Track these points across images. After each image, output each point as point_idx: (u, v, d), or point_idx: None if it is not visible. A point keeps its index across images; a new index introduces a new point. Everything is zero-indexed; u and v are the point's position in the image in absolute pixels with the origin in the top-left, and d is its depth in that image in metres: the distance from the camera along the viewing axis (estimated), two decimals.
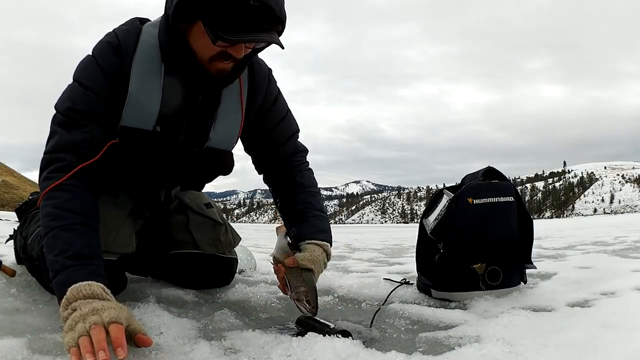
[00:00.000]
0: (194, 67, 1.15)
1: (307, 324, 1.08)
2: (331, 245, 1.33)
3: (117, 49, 1.14)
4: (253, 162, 1.52)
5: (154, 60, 1.16)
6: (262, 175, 1.52)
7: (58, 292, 0.95)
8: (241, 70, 1.21)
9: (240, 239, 1.67)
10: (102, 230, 1.19)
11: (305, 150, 1.51)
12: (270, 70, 1.37)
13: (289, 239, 1.32)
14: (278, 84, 1.42)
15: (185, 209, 1.54)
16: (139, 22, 1.22)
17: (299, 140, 1.49)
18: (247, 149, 1.47)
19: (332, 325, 1.02)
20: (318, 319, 1.10)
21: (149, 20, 1.23)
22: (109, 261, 1.26)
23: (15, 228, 1.54)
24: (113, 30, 1.19)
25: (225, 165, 1.36)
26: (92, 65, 1.14)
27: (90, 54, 1.17)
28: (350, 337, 0.96)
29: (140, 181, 1.33)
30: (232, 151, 1.36)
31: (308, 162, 1.51)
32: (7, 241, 1.66)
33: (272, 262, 1.28)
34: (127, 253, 1.33)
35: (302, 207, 1.39)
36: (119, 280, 1.35)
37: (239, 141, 1.39)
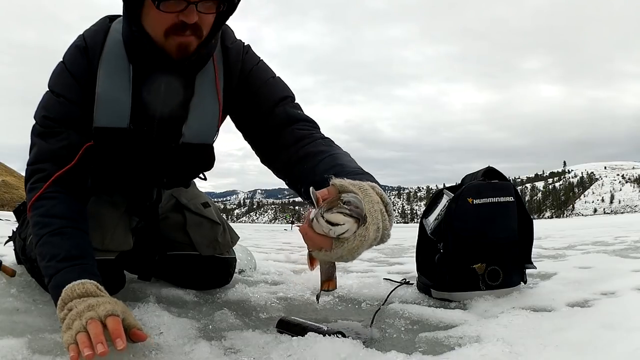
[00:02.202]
0: (153, 52, 1.10)
1: (295, 326, 1.04)
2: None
3: (84, 52, 1.15)
4: (255, 151, 1.28)
5: (121, 57, 1.14)
6: (271, 168, 1.23)
7: (54, 295, 0.96)
8: (208, 48, 1.12)
9: (239, 237, 1.66)
10: (99, 229, 1.23)
11: (311, 121, 1.21)
12: (246, 45, 1.27)
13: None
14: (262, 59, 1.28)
15: (182, 208, 1.52)
16: (109, 20, 1.21)
17: (300, 110, 1.23)
18: (243, 134, 1.29)
19: (325, 327, 1.01)
20: (303, 319, 1.07)
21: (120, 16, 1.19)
22: (107, 260, 1.26)
23: (14, 229, 1.54)
24: (82, 33, 1.19)
25: (205, 161, 1.30)
26: (63, 72, 1.16)
27: (62, 59, 1.18)
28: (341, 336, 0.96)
29: (126, 180, 1.31)
30: (214, 144, 1.27)
31: (321, 134, 1.19)
32: (6, 242, 1.67)
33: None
34: (125, 250, 1.33)
35: (328, 171, 0.94)
36: (117, 279, 1.35)
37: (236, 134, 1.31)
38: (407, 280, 1.70)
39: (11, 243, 1.61)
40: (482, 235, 1.42)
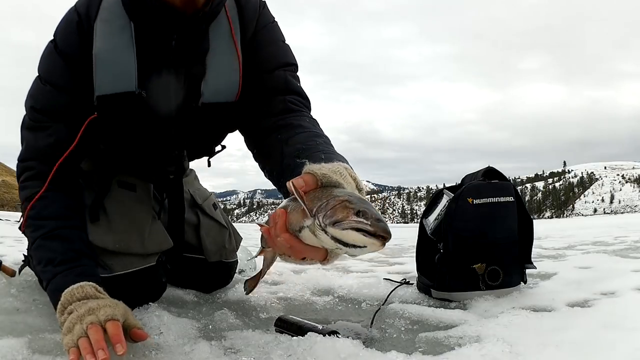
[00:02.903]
0: (157, 7, 0.99)
1: (292, 325, 1.05)
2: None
3: (77, 27, 1.04)
4: (239, 119, 1.18)
5: (119, 16, 1.04)
6: (244, 133, 1.18)
7: (53, 299, 0.96)
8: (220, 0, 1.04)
9: (242, 238, 1.65)
10: (135, 231, 1.19)
11: (305, 97, 1.16)
12: (263, 2, 1.19)
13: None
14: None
15: (196, 208, 1.47)
16: None
17: (299, 83, 1.17)
18: None
19: (320, 327, 1.01)
20: (300, 318, 1.07)
21: None
22: (149, 268, 1.21)
23: (25, 254, 1.36)
24: (75, 4, 1.08)
25: (229, 122, 1.19)
26: (51, 54, 1.07)
27: (52, 37, 1.08)
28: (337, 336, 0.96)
29: (141, 154, 1.22)
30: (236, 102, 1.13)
31: (309, 114, 1.14)
32: (20, 270, 1.43)
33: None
34: (165, 250, 1.27)
35: (302, 147, 0.95)
36: (158, 284, 1.29)
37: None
38: (407, 280, 1.70)
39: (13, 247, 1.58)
40: (482, 235, 1.42)
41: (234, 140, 1.33)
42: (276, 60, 1.15)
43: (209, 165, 1.41)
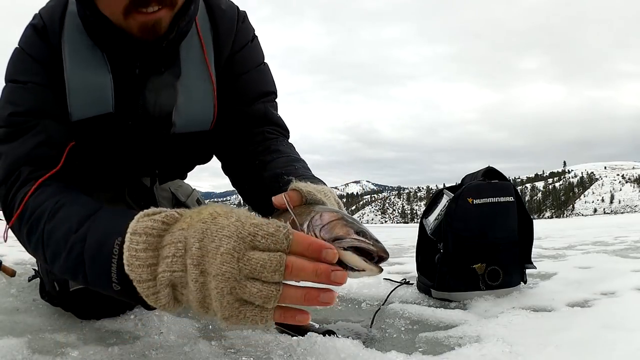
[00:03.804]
0: (115, 35, 0.88)
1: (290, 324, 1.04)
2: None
3: (42, 32, 0.94)
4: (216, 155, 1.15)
5: (84, 34, 0.94)
6: (221, 159, 1.14)
7: (102, 254, 0.62)
8: (190, 16, 0.91)
9: None
10: None
11: (285, 128, 1.12)
12: (242, 12, 1.08)
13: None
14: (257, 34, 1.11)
15: (180, 206, 1.39)
16: None
17: (277, 112, 1.12)
18: None
19: (316, 326, 1.01)
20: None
21: None
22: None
23: (35, 268, 1.32)
24: (38, 11, 0.99)
25: (203, 152, 1.13)
26: (22, 56, 0.95)
27: (17, 45, 0.98)
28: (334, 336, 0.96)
29: (114, 173, 1.14)
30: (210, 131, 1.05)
31: (288, 141, 1.10)
32: (30, 279, 1.39)
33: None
34: None
35: (281, 171, 0.92)
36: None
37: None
38: (407, 280, 1.70)
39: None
40: (482, 235, 1.42)
41: None
42: (255, 90, 1.08)
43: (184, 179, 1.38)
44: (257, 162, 1.00)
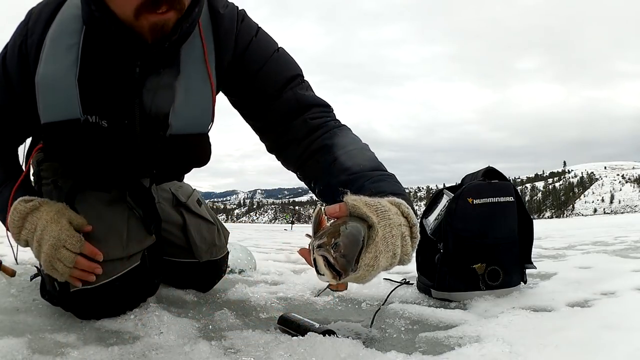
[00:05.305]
0: (121, 33, 0.89)
1: (291, 323, 1.05)
2: (414, 212, 0.82)
3: (20, 47, 0.97)
4: (259, 137, 1.13)
5: (70, 34, 0.94)
6: (279, 158, 1.11)
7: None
8: (192, 19, 0.93)
9: (229, 233, 1.57)
10: (111, 237, 1.10)
11: (324, 104, 1.07)
12: (241, 11, 1.08)
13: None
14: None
15: (180, 206, 1.41)
16: None
17: (311, 91, 1.07)
18: (243, 116, 1.12)
19: (316, 326, 1.01)
20: (301, 317, 1.07)
21: None
22: (134, 269, 1.12)
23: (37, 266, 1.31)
24: (30, 11, 1.00)
25: (199, 154, 1.09)
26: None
27: (5, 45, 1.02)
28: (334, 336, 0.96)
29: (106, 176, 1.14)
30: (209, 133, 1.06)
31: (335, 120, 1.06)
32: (32, 278, 1.41)
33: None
34: (149, 246, 1.19)
35: (345, 179, 0.92)
36: (148, 284, 1.21)
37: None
38: (407, 280, 1.70)
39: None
40: (482, 235, 1.42)
41: (233, 141, 1.25)
42: (278, 81, 1.04)
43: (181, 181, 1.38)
44: (318, 163, 0.99)
